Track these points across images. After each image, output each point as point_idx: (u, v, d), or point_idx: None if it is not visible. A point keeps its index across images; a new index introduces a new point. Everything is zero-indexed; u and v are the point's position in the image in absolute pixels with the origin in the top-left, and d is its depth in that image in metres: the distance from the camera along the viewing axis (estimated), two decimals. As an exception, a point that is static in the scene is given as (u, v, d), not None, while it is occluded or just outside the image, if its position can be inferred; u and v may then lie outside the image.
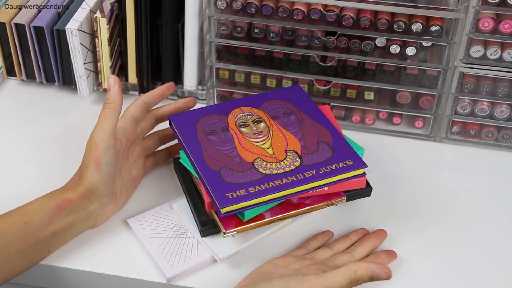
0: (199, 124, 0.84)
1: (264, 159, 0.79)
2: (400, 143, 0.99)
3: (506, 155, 0.97)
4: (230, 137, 0.82)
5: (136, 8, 0.96)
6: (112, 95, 0.79)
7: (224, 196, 0.74)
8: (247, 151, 0.80)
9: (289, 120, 0.84)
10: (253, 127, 0.83)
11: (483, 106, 0.95)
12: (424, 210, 0.87)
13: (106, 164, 0.77)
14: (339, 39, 0.94)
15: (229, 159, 0.79)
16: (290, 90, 0.90)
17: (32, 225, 0.74)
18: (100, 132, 0.78)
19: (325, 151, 0.80)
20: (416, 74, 0.95)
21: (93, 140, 0.78)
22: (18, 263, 0.74)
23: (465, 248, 0.82)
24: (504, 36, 0.88)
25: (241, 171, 0.77)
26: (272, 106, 0.87)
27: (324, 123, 0.84)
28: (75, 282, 0.80)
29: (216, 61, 1.00)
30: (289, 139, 0.82)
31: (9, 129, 0.99)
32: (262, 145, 0.81)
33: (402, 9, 0.89)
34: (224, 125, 0.84)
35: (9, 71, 1.06)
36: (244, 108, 0.87)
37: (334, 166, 0.78)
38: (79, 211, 0.77)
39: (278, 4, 0.93)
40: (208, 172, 0.77)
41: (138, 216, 0.83)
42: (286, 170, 0.77)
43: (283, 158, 0.79)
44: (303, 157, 0.79)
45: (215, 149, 0.80)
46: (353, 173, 0.78)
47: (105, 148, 0.77)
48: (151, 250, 0.79)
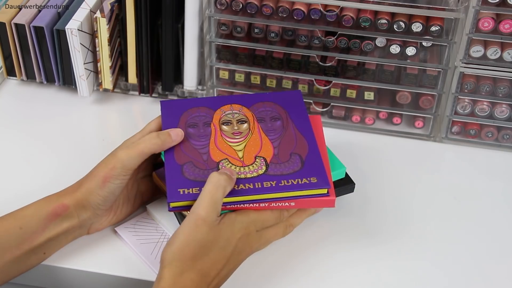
0: (185, 114, 0.84)
1: (231, 161, 0.78)
2: (400, 143, 0.99)
3: (506, 155, 0.97)
4: (208, 133, 0.81)
5: (136, 8, 0.96)
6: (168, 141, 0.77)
7: (176, 191, 0.74)
8: (218, 149, 0.79)
9: (273, 126, 0.82)
10: (235, 126, 0.82)
11: (483, 106, 0.95)
12: (424, 210, 0.87)
13: (113, 185, 0.76)
14: (339, 39, 0.94)
15: (197, 155, 0.78)
16: (288, 95, 0.88)
17: (27, 230, 0.73)
18: (126, 159, 0.75)
19: (295, 164, 0.77)
20: (416, 74, 0.95)
21: (116, 160, 0.75)
22: (13, 267, 0.74)
23: (465, 248, 0.82)
24: (504, 36, 0.88)
25: (203, 169, 0.77)
26: (263, 108, 0.85)
27: (307, 135, 0.81)
28: (75, 282, 0.80)
29: (216, 61, 1.00)
30: (264, 145, 0.80)
31: (9, 129, 0.99)
32: (235, 147, 0.80)
33: (402, 9, 0.89)
34: (208, 120, 0.83)
35: (9, 71, 1.06)
36: (235, 105, 0.86)
37: (296, 181, 0.75)
38: (73, 218, 0.76)
39: (278, 4, 0.93)
40: (172, 165, 0.77)
41: (126, 224, 0.82)
42: (247, 176, 0.76)
43: (250, 164, 0.77)
44: (270, 166, 0.77)
45: (188, 143, 0.80)
46: (314, 191, 0.75)
47: (120, 174, 0.75)
48: (145, 256, 0.78)
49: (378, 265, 0.79)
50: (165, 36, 0.99)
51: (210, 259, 0.69)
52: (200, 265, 0.68)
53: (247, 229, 0.73)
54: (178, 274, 0.67)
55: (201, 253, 0.69)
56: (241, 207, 0.75)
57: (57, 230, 0.75)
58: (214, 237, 0.70)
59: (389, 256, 0.81)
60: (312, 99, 1.00)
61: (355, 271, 0.79)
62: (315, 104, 1.01)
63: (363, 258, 0.80)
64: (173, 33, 0.99)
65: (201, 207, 0.70)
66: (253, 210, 0.75)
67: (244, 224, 0.73)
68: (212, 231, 0.70)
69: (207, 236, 0.69)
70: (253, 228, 0.74)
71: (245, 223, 0.73)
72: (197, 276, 0.68)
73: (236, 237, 0.72)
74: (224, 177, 0.72)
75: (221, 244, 0.70)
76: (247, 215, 0.74)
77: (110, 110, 1.04)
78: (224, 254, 0.71)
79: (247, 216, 0.74)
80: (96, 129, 1.01)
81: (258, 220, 0.75)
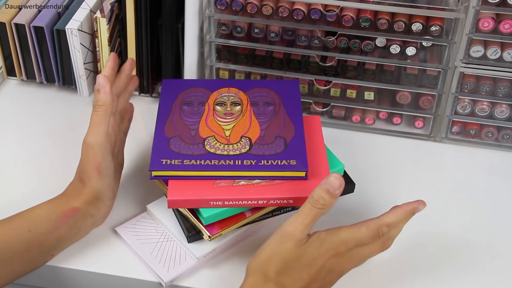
0: (183, 93, 0.87)
1: (217, 138, 0.81)
2: (400, 143, 0.99)
3: (506, 155, 0.97)
4: (201, 112, 0.85)
5: (136, 8, 0.96)
6: (103, 97, 0.77)
7: (159, 161, 0.77)
8: (207, 127, 0.82)
9: (265, 110, 0.85)
10: (228, 107, 0.85)
11: (483, 106, 0.95)
12: (424, 210, 0.87)
13: (107, 169, 0.77)
14: (339, 39, 0.94)
15: (186, 130, 0.82)
16: (285, 83, 0.90)
17: (36, 232, 0.73)
18: (95, 138, 0.76)
19: (278, 146, 0.80)
20: (416, 74, 0.95)
21: (90, 147, 0.76)
22: (20, 268, 0.74)
23: (465, 248, 0.82)
24: (504, 36, 0.88)
25: (189, 143, 0.80)
26: (259, 93, 0.88)
27: (296, 121, 0.83)
28: (75, 282, 0.80)
29: (216, 61, 1.00)
30: (252, 127, 0.82)
31: (9, 129, 0.99)
32: (224, 126, 0.83)
33: (402, 9, 0.89)
34: (203, 100, 0.87)
35: (9, 71, 1.06)
36: (233, 89, 0.89)
37: (276, 162, 0.78)
38: (86, 218, 0.77)
39: (278, 4, 0.93)
40: (160, 137, 0.81)
41: (126, 224, 0.83)
42: (230, 154, 0.78)
43: (235, 142, 0.80)
44: (254, 146, 0.80)
45: (180, 119, 0.83)
46: (292, 173, 0.77)
47: (103, 154, 0.76)
48: (145, 256, 0.78)
49: (378, 264, 0.79)
50: (165, 36, 0.99)
51: (292, 275, 0.69)
52: (282, 279, 0.68)
53: (337, 249, 0.70)
54: (260, 284, 0.68)
55: (284, 268, 0.69)
56: (235, 204, 0.76)
57: (69, 230, 0.76)
58: (299, 255, 0.69)
59: (389, 256, 0.80)
60: (312, 99, 1.00)
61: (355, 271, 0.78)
62: (315, 104, 1.01)
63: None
64: (173, 33, 0.99)
65: (291, 223, 0.69)
66: (345, 229, 0.71)
67: (333, 245, 0.70)
68: (297, 249, 0.69)
69: (291, 253, 0.69)
70: (343, 249, 0.71)
71: (334, 243, 0.70)
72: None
73: (324, 257, 0.69)
74: (324, 195, 0.68)
75: (304, 263, 0.69)
76: (337, 235, 0.71)
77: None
78: (308, 273, 0.69)
79: (338, 236, 0.70)
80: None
81: (350, 239, 0.71)
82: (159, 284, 0.77)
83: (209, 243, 0.78)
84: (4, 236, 0.72)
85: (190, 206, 0.77)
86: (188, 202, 0.76)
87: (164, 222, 0.81)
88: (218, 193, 0.76)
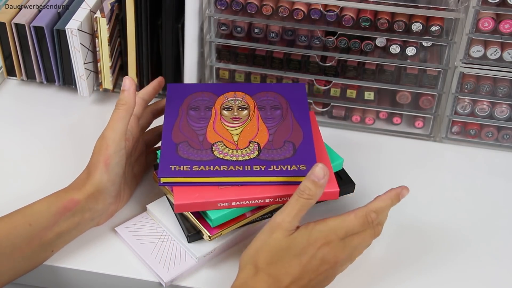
0: (189, 97, 0.87)
1: (225, 144, 0.80)
2: (400, 143, 0.99)
3: (506, 155, 0.97)
4: (208, 117, 0.84)
5: (136, 8, 0.96)
6: (127, 97, 0.79)
7: (168, 167, 0.77)
8: (215, 132, 0.82)
9: (273, 114, 0.85)
10: (235, 112, 0.85)
11: (483, 106, 0.95)
12: (424, 210, 0.87)
13: (115, 165, 0.78)
14: (339, 39, 0.94)
15: (194, 136, 0.81)
16: (292, 87, 0.90)
17: (36, 227, 0.74)
18: (112, 133, 0.78)
19: (287, 151, 0.79)
20: (416, 74, 0.95)
21: (104, 141, 0.78)
22: (22, 264, 0.74)
23: (465, 248, 0.82)
24: (504, 36, 0.88)
25: (198, 149, 0.79)
26: (265, 97, 0.87)
27: (304, 126, 0.83)
28: (75, 282, 0.80)
29: (216, 61, 1.00)
30: (260, 132, 0.82)
31: (9, 129, 0.99)
32: (232, 131, 0.82)
33: (402, 9, 0.89)
34: (210, 104, 0.86)
35: (9, 71, 1.06)
36: (239, 93, 0.88)
37: (286, 167, 0.77)
38: (85, 211, 0.77)
39: (278, 4, 0.93)
40: (168, 143, 0.80)
41: (126, 224, 0.83)
42: (239, 159, 0.78)
43: (244, 147, 0.80)
44: (263, 151, 0.79)
45: (187, 124, 0.83)
46: (302, 179, 0.74)
47: (115, 150, 0.77)
48: (145, 256, 0.78)
49: (378, 264, 0.79)
50: (165, 36, 0.99)
51: (283, 265, 0.69)
52: (272, 270, 0.69)
53: (327, 238, 0.71)
54: (251, 276, 0.69)
55: (274, 259, 0.69)
56: (243, 204, 0.76)
57: (68, 224, 0.76)
58: (288, 245, 0.69)
59: (389, 256, 0.81)
60: (312, 99, 1.00)
61: (355, 270, 0.78)
62: (315, 104, 1.01)
63: (362, 258, 0.80)
64: (173, 33, 0.99)
65: (279, 214, 0.71)
66: (333, 218, 0.72)
67: (323, 233, 0.71)
68: (286, 239, 0.70)
69: (280, 243, 0.69)
70: (334, 237, 0.71)
71: (324, 232, 0.71)
72: (269, 279, 0.68)
73: (314, 246, 0.70)
74: (310, 185, 0.70)
75: (294, 252, 0.69)
76: (325, 224, 0.71)
77: (110, 110, 1.02)
78: (298, 263, 0.69)
79: (326, 225, 0.71)
80: (96, 129, 1.01)
81: (339, 227, 0.71)
82: (159, 284, 0.77)
83: (209, 243, 0.78)
84: (5, 231, 0.73)
85: (197, 209, 0.76)
86: (195, 205, 0.76)
87: (164, 222, 0.82)
88: (225, 194, 0.76)
